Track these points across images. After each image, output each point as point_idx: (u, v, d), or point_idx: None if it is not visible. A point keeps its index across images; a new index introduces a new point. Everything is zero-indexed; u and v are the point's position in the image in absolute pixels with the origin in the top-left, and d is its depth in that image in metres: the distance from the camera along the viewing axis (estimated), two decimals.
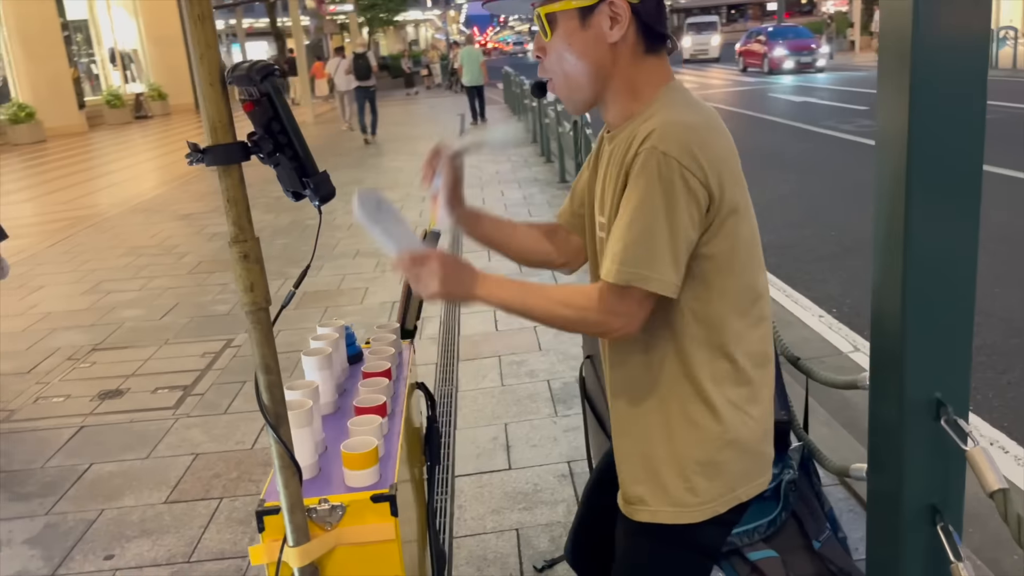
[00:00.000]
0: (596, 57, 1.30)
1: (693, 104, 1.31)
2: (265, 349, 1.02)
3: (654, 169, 1.18)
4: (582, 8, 1.28)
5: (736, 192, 1.27)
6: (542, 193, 8.88)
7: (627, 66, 1.31)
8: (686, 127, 1.22)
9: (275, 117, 0.96)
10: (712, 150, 1.22)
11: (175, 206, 9.67)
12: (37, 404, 4.18)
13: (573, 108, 1.39)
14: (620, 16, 1.27)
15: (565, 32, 1.30)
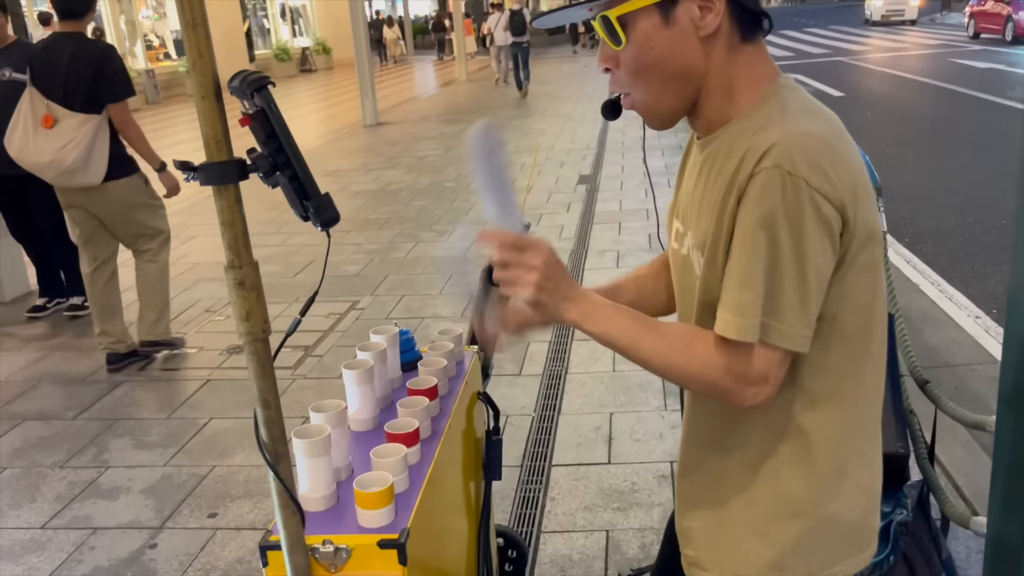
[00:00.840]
0: (686, 58, 1.07)
1: (813, 108, 1.08)
2: (263, 383, 0.95)
3: (778, 193, 0.97)
4: (663, 1, 1.04)
5: (872, 214, 1.05)
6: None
7: (722, 61, 1.08)
8: (814, 138, 1.00)
9: (271, 134, 0.87)
10: (846, 165, 1.01)
11: (324, 162, 9.98)
12: (171, 355, 4.41)
13: (660, 123, 1.15)
14: (712, 2, 1.04)
15: (644, 34, 1.06)
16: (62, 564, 2.70)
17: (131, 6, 20.15)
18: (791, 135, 0.99)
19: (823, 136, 1.01)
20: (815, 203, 0.97)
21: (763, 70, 1.10)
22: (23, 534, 2.88)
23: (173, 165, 0.90)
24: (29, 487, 3.17)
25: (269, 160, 0.88)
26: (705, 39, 1.06)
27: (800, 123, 1.02)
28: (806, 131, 1.01)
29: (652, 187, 7.25)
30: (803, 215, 0.96)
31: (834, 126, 1.06)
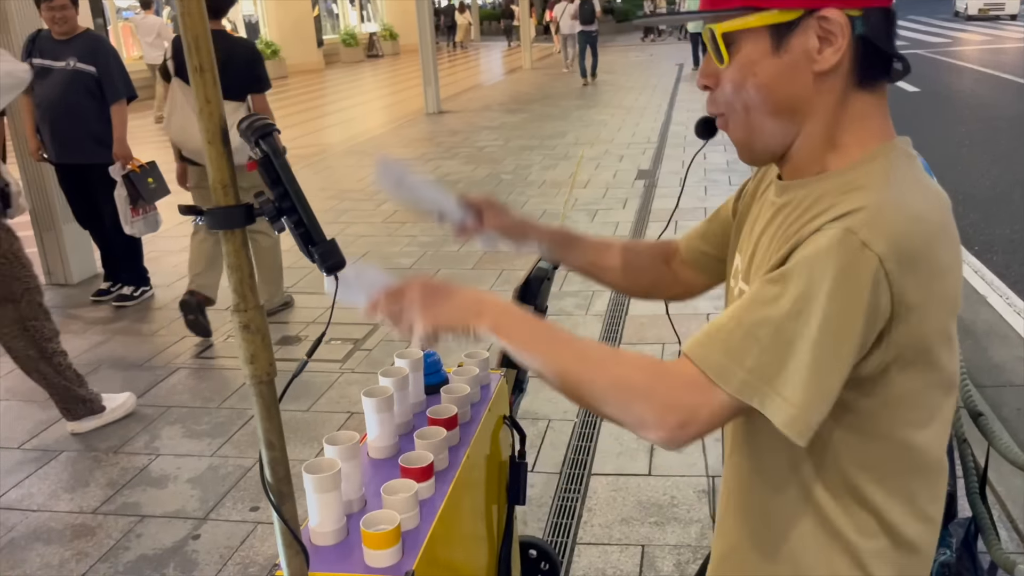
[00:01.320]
0: (791, 93, 0.95)
1: (925, 185, 0.95)
2: (267, 424, 0.95)
3: (840, 259, 0.85)
4: (777, 25, 0.93)
5: (942, 316, 0.93)
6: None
7: (832, 104, 0.95)
8: (911, 219, 0.88)
9: (277, 180, 0.87)
10: (935, 258, 0.89)
11: (386, 150, 10.06)
12: (227, 343, 4.50)
13: (749, 157, 1.03)
14: (834, 34, 0.91)
15: (749, 58, 0.95)
16: (109, 551, 2.78)
17: None
18: (886, 204, 0.88)
19: (925, 217, 0.90)
20: (878, 287, 0.85)
21: (878, 125, 0.98)
22: (75, 518, 2.97)
23: (179, 210, 0.90)
24: (83, 471, 3.28)
25: (275, 205, 0.87)
26: (819, 75, 0.94)
27: (905, 196, 0.90)
28: (908, 206, 0.89)
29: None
30: (859, 293, 0.85)
31: (942, 212, 0.94)
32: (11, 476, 3.26)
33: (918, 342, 0.92)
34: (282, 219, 0.89)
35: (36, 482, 3.21)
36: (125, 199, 4.71)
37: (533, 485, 3.03)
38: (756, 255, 1.04)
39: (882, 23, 0.94)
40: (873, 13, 0.93)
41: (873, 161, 0.95)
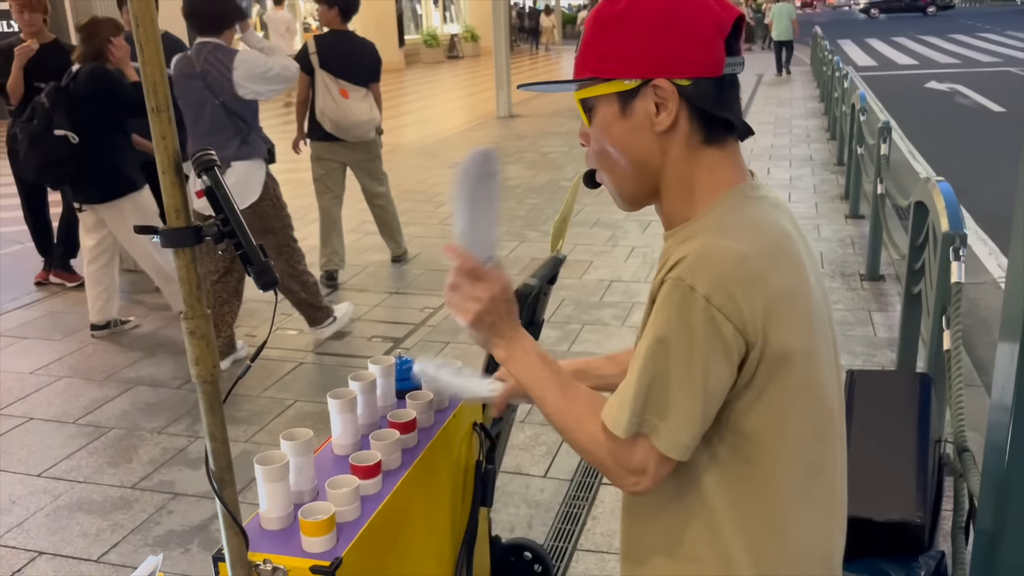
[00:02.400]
0: (640, 149, 1.08)
1: (755, 220, 1.06)
2: (211, 418, 1.08)
3: (676, 304, 0.98)
4: (621, 93, 1.07)
5: (798, 336, 1.03)
6: (812, 176, 8.26)
7: (680, 160, 1.08)
8: (730, 257, 0.99)
9: (219, 208, 1.00)
10: (767, 286, 1.00)
11: (452, 152, 10.25)
12: (276, 334, 4.72)
13: (621, 204, 1.16)
14: (667, 101, 1.05)
15: (603, 120, 1.09)
16: (142, 524, 2.99)
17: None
18: (706, 250, 1.00)
19: (746, 254, 1.00)
20: (714, 321, 0.97)
21: (725, 175, 1.09)
22: (115, 491, 3.20)
23: (134, 229, 1.03)
24: (128, 448, 3.51)
25: (219, 229, 1.00)
26: (661, 135, 1.07)
27: (727, 237, 1.01)
28: (727, 247, 1.00)
29: None
30: (696, 330, 0.97)
31: (767, 242, 1.04)
32: (63, 448, 3.51)
33: (778, 352, 1.01)
34: (224, 240, 1.01)
35: (85, 456, 3.45)
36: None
37: (543, 490, 3.12)
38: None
39: (712, 91, 1.06)
40: (703, 82, 1.05)
41: (716, 208, 1.07)
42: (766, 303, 0.99)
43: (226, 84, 3.90)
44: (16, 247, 6.69)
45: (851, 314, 4.69)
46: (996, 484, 1.55)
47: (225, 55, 3.92)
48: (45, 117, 4.29)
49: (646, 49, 1.04)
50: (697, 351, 0.98)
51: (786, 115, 12.48)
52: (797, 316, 1.03)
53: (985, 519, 1.52)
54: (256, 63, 3.94)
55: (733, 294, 0.97)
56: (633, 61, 1.05)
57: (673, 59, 1.04)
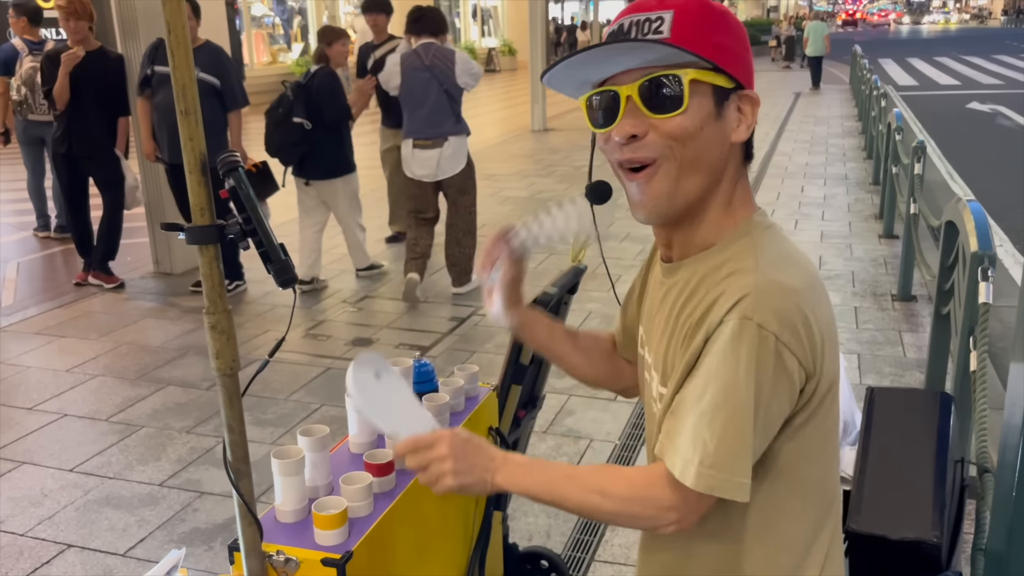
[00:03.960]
0: (718, 154, 1.04)
1: (790, 255, 1.05)
2: (229, 410, 1.11)
3: (748, 346, 0.96)
4: (723, 90, 1.02)
5: (835, 365, 1.05)
6: (847, 194, 8.19)
7: (730, 179, 1.07)
8: (789, 292, 0.99)
9: (242, 208, 1.04)
10: (818, 319, 1.00)
11: (484, 164, 10.30)
12: (305, 339, 4.79)
13: (661, 212, 1.06)
14: (747, 113, 1.04)
15: (701, 111, 1.01)
16: (168, 520, 3.05)
17: (334, 2, 21.53)
18: (766, 285, 0.98)
19: (799, 288, 1.00)
20: (781, 357, 0.97)
21: (749, 201, 1.10)
22: (143, 488, 3.26)
23: (160, 226, 1.08)
24: (158, 447, 3.58)
25: (242, 228, 1.04)
26: (731, 146, 1.06)
27: (776, 273, 1.00)
28: (783, 282, 0.99)
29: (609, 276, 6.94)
30: (768, 368, 0.97)
31: (811, 275, 1.04)
32: (95, 444, 3.59)
33: (828, 380, 1.03)
34: (247, 239, 1.05)
35: (116, 452, 3.53)
36: None
37: None
38: (657, 345, 1.13)
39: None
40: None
41: (743, 238, 1.05)
42: (820, 336, 1.00)
43: (449, 75, 5.06)
44: (57, 248, 6.86)
45: (881, 334, 4.64)
46: (1005, 504, 1.54)
47: (448, 53, 5.12)
48: (288, 107, 5.23)
49: (745, 54, 1.05)
50: (766, 387, 0.97)
51: (823, 133, 12.38)
52: (836, 346, 1.05)
53: (994, 539, 1.51)
54: (468, 61, 5.15)
55: (797, 330, 0.97)
56: (739, 63, 1.04)
57: (751, 74, 1.06)
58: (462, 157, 5.24)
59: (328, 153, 5.34)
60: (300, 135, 5.21)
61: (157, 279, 5.93)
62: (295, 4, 20.67)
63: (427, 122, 5.14)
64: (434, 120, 5.14)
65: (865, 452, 2.07)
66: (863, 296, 5.27)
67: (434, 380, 1.71)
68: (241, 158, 4.36)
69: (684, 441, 1.00)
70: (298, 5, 20.78)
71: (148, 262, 6.16)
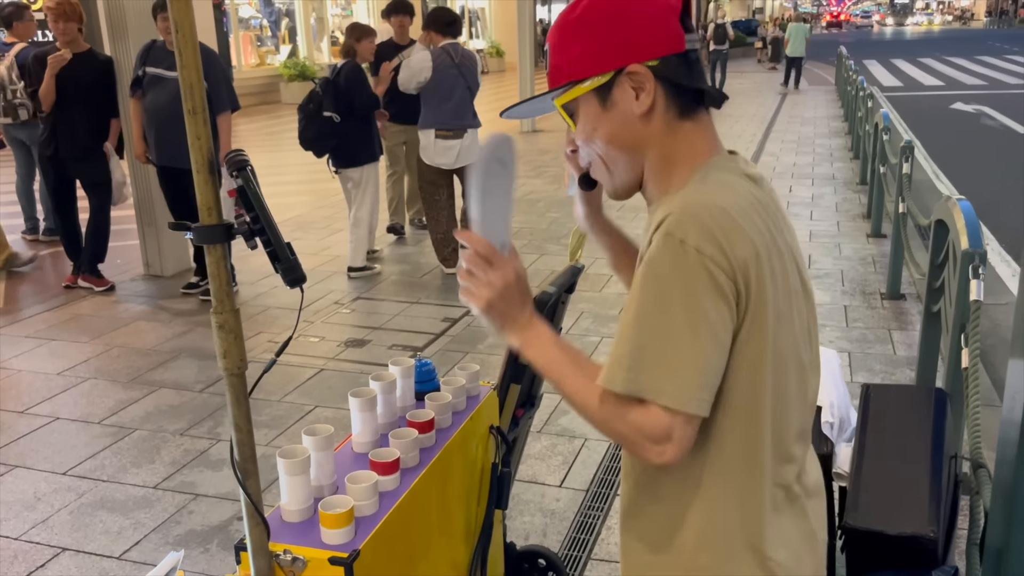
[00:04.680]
0: (627, 136, 1.13)
1: (731, 182, 1.11)
2: (236, 410, 1.12)
3: (668, 260, 1.01)
4: (598, 88, 1.12)
5: (771, 296, 1.06)
6: (834, 194, 8.24)
7: (662, 136, 1.13)
8: (711, 208, 1.03)
9: (250, 207, 1.04)
10: (743, 237, 1.03)
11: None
12: (297, 341, 4.78)
13: (614, 195, 1.21)
14: (643, 84, 1.10)
15: (588, 119, 1.15)
16: (163, 523, 3.04)
17: (321, 4, 21.48)
18: (689, 204, 1.04)
19: (725, 207, 1.04)
20: (708, 271, 1.00)
21: (701, 147, 1.14)
22: (138, 491, 3.25)
23: (168, 226, 1.08)
24: (151, 449, 3.57)
25: (249, 227, 1.04)
26: (643, 117, 1.12)
27: (706, 194, 1.06)
28: (707, 201, 1.04)
29: None
30: (695, 281, 1.00)
31: (745, 200, 1.08)
32: (88, 448, 3.58)
33: (760, 305, 1.05)
34: (255, 238, 1.05)
35: (109, 455, 3.51)
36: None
37: (559, 499, 3.14)
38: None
39: (681, 65, 1.11)
40: (671, 59, 1.10)
41: (694, 175, 1.11)
42: (744, 254, 1.02)
43: (474, 74, 5.69)
44: (46, 251, 6.81)
45: (871, 332, 4.68)
46: (1005, 499, 1.56)
47: (472, 55, 5.80)
48: (318, 102, 5.60)
49: (610, 41, 1.10)
50: (696, 301, 1.00)
51: (809, 134, 12.45)
52: (770, 275, 1.06)
53: (994, 534, 1.52)
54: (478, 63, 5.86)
55: (720, 243, 1.01)
56: (602, 56, 1.11)
57: (637, 44, 1.09)
58: (477, 147, 5.54)
59: (356, 142, 5.74)
60: (330, 128, 5.60)
61: (148, 281, 5.91)
62: (282, 6, 20.61)
63: (453, 114, 5.63)
64: (459, 113, 5.66)
65: (861, 448, 2.09)
66: (852, 295, 5.30)
67: (435, 379, 1.72)
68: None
69: (617, 353, 1.04)
70: (285, 7, 20.72)
71: (138, 264, 6.13)
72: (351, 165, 5.80)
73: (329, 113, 5.58)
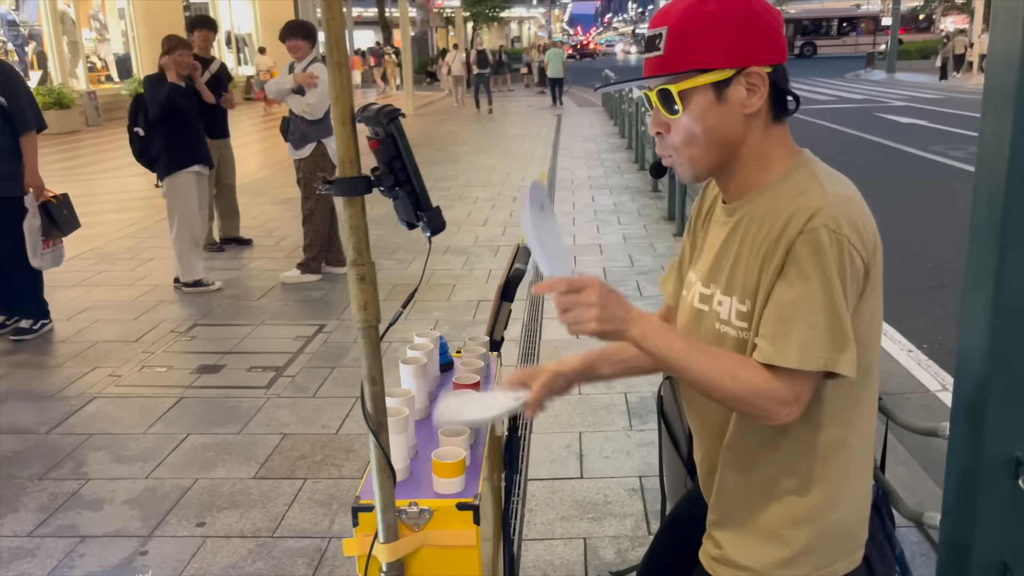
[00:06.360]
0: (728, 130, 1.24)
1: (837, 176, 1.27)
2: (372, 362, 1.12)
3: (830, 248, 1.15)
4: (717, 82, 1.22)
5: (881, 263, 1.25)
6: (633, 201, 8.89)
7: (758, 136, 1.26)
8: (850, 202, 1.20)
9: (397, 156, 1.06)
10: (870, 224, 1.21)
11: (276, 190, 10.04)
12: (142, 372, 4.45)
13: (693, 179, 1.31)
14: (758, 86, 1.22)
15: (699, 108, 1.23)
16: (54, 569, 2.75)
17: (74, 27, 19.90)
18: (835, 199, 1.18)
19: (855, 199, 1.21)
20: (852, 257, 1.17)
21: (789, 146, 1.29)
22: (9, 541, 2.91)
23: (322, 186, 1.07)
24: (9, 498, 3.20)
25: (392, 177, 1.06)
26: (747, 116, 1.24)
27: (837, 189, 1.22)
28: (845, 195, 1.20)
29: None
30: (845, 267, 1.16)
31: (854, 188, 1.25)
32: None
33: (874, 276, 1.23)
34: (396, 188, 1.07)
35: None
36: (38, 230, 4.63)
37: None
38: (731, 263, 1.30)
39: (784, 73, 1.26)
40: (779, 68, 1.25)
41: (797, 170, 1.26)
42: (873, 238, 1.21)
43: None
44: None
45: None
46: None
47: None
48: (132, 120, 5.75)
49: (740, 41, 1.21)
50: (846, 281, 1.16)
51: (594, 150, 13.29)
52: (880, 247, 1.25)
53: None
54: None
55: (860, 232, 1.18)
56: (730, 52, 1.21)
57: (759, 49, 1.22)
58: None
59: (159, 153, 5.74)
60: (139, 143, 5.74)
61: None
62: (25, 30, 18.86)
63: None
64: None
65: None
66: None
67: (448, 352, 1.75)
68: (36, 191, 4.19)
69: (797, 334, 1.16)
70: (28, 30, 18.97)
71: None
72: (161, 177, 5.81)
73: (136, 128, 5.71)
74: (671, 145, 1.28)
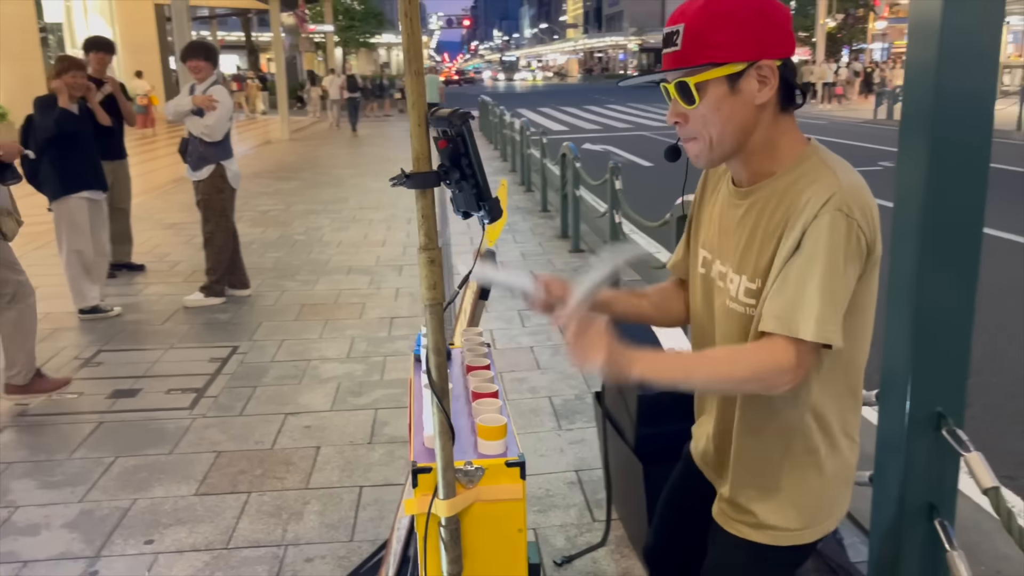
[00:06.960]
0: (743, 119, 1.35)
1: (846, 165, 1.39)
2: (438, 336, 1.27)
3: (841, 230, 1.27)
4: (731, 74, 1.32)
5: (879, 245, 1.38)
6: (524, 221, 9.18)
7: (768, 125, 1.37)
8: (860, 189, 1.32)
9: (465, 153, 1.22)
10: (875, 209, 1.33)
11: (160, 215, 9.77)
12: (52, 400, 4.31)
13: (708, 165, 1.44)
14: (768, 78, 1.33)
15: (714, 99, 1.34)
16: None
17: None
18: (847, 185, 1.32)
19: (864, 186, 1.34)
20: (858, 238, 1.30)
21: (798, 136, 1.41)
22: None
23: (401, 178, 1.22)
24: None
25: (458, 172, 1.22)
26: (758, 105, 1.35)
27: (848, 176, 1.34)
28: (855, 182, 1.34)
29: None
30: (850, 247, 1.29)
31: (860, 176, 1.37)
32: None
33: (876, 256, 1.37)
34: (461, 182, 1.23)
35: None
36: None
37: None
38: (744, 242, 1.42)
39: (792, 66, 1.39)
40: (788, 61, 1.37)
41: (808, 159, 1.39)
42: (876, 221, 1.35)
43: None
44: None
45: None
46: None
47: None
48: (24, 143, 5.46)
49: (753, 36, 1.32)
50: (851, 262, 1.30)
51: None
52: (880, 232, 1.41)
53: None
54: None
55: (868, 216, 1.32)
56: (744, 47, 1.32)
57: (770, 43, 1.33)
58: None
59: (45, 177, 5.56)
60: (29, 166, 5.47)
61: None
62: None
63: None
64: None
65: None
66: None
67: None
68: None
69: (808, 306, 1.27)
70: None
71: None
72: (50, 202, 5.62)
73: (26, 151, 5.39)
74: (691, 132, 1.40)
